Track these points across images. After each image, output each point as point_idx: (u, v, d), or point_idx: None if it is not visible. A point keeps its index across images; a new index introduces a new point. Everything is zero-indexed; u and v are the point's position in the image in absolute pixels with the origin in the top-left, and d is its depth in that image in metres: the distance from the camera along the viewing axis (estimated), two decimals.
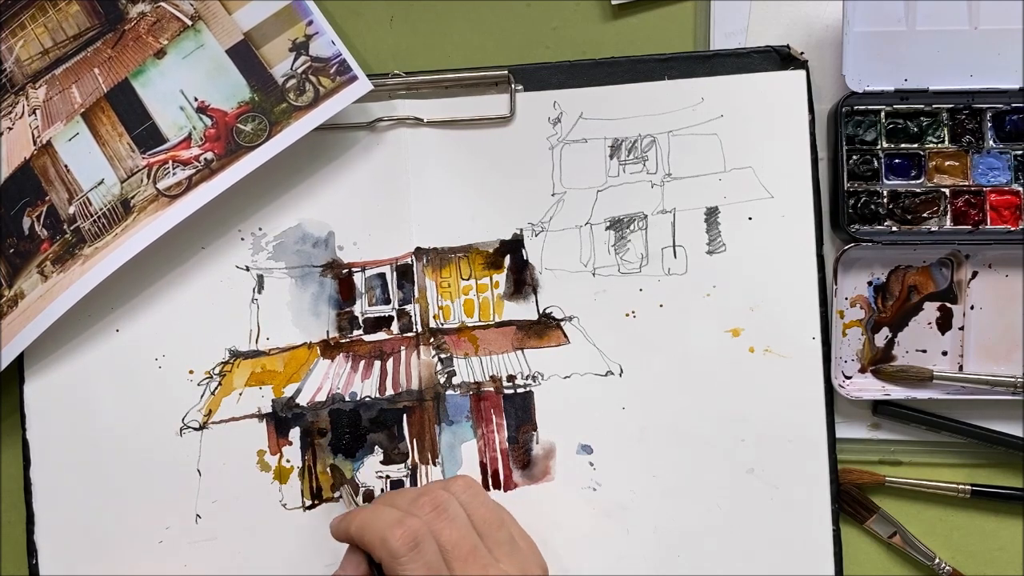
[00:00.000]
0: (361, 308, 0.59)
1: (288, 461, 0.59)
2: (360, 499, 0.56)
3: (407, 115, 0.59)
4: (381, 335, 0.59)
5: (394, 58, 0.62)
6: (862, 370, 0.60)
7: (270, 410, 0.59)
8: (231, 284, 0.59)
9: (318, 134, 0.57)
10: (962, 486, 0.58)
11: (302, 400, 0.59)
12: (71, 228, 0.58)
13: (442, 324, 0.59)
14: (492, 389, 0.59)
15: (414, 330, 0.59)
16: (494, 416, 0.59)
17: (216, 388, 0.59)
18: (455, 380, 0.59)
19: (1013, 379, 0.58)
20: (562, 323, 0.59)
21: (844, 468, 0.59)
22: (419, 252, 0.59)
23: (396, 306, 0.59)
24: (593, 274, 0.59)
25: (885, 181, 0.59)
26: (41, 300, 0.57)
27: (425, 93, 0.59)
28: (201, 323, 0.59)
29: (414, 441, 0.59)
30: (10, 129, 0.59)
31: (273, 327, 0.59)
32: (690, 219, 0.59)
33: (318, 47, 0.57)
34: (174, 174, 0.57)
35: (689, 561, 0.57)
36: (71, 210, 0.58)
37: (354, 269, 0.59)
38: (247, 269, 0.59)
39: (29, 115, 0.59)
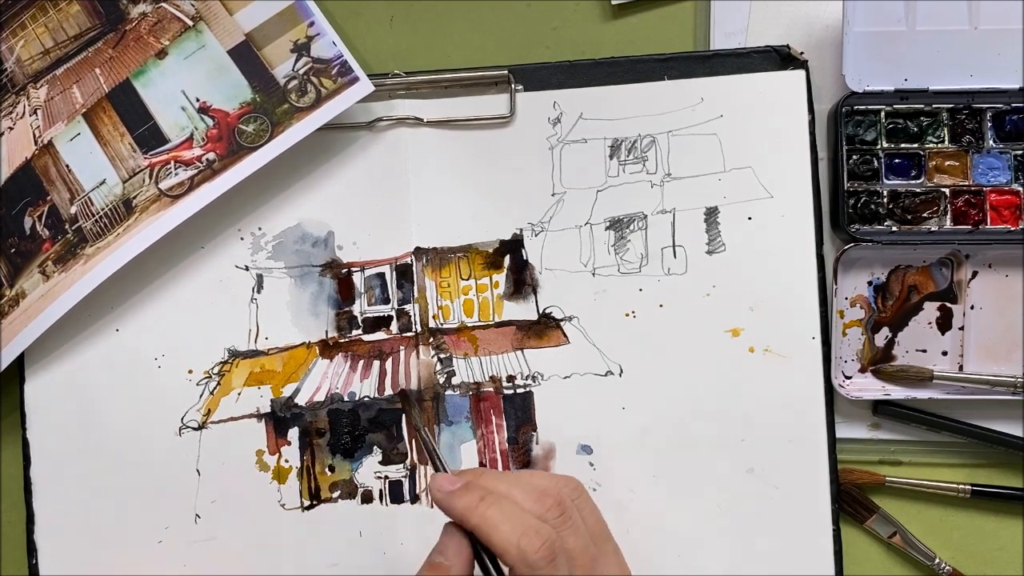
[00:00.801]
0: (360, 308, 0.59)
1: (287, 461, 0.59)
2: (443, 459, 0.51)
3: (407, 115, 0.59)
4: (380, 335, 0.59)
5: (394, 58, 0.62)
6: (862, 370, 0.59)
7: (269, 410, 0.59)
8: (230, 284, 0.59)
9: (318, 134, 0.57)
10: (962, 486, 0.58)
11: (301, 400, 0.59)
12: (73, 228, 0.58)
13: (441, 324, 0.59)
14: (492, 389, 0.59)
15: (413, 330, 0.59)
16: (494, 416, 0.59)
17: (215, 388, 0.59)
18: (454, 380, 0.59)
19: (1013, 379, 0.57)
20: (562, 323, 0.59)
21: (844, 468, 0.59)
22: (419, 252, 0.59)
23: (395, 306, 0.59)
24: (593, 274, 0.59)
25: (885, 181, 0.59)
26: (42, 300, 0.57)
27: (425, 93, 0.60)
28: (200, 323, 0.59)
29: (413, 441, 0.59)
30: (11, 129, 0.59)
31: (272, 327, 0.59)
32: (690, 219, 0.59)
33: (319, 48, 0.57)
34: (176, 174, 0.57)
35: (689, 561, 0.57)
36: (73, 210, 0.58)
37: (353, 269, 0.59)
38: (246, 269, 0.59)
39: (30, 115, 0.59)
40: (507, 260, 0.59)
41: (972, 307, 0.59)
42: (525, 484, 0.48)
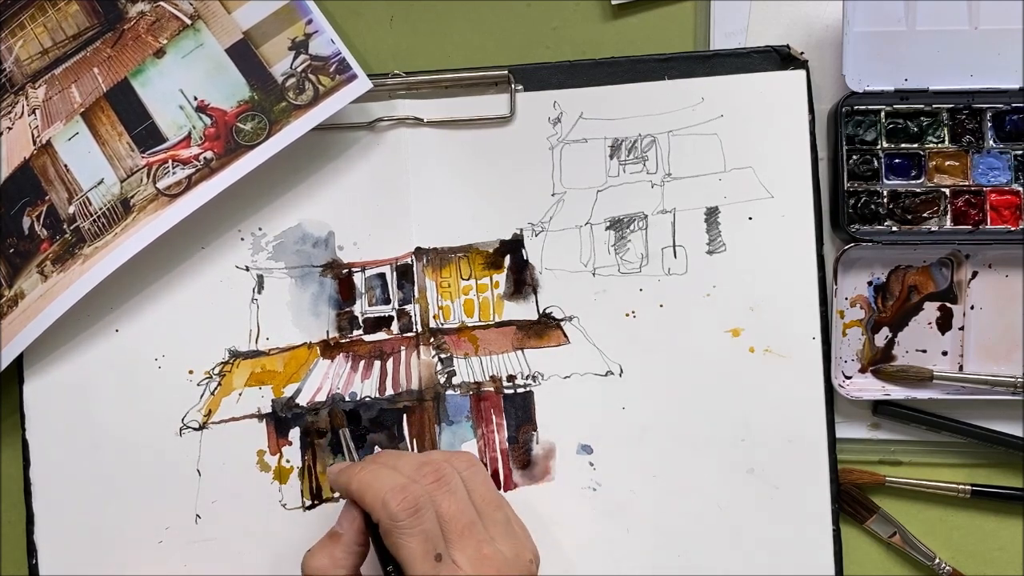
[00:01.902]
0: (361, 308, 0.59)
1: (288, 461, 0.59)
2: (355, 450, 0.56)
3: (407, 115, 0.59)
4: (381, 335, 0.59)
5: (394, 58, 0.62)
6: (862, 370, 0.60)
7: (270, 410, 0.59)
8: (231, 284, 0.59)
9: (318, 134, 0.57)
10: (962, 486, 0.58)
11: (302, 400, 0.59)
12: (71, 228, 0.58)
13: (442, 324, 0.59)
14: (492, 389, 0.59)
15: (414, 330, 0.59)
16: (494, 416, 0.59)
17: (216, 388, 0.59)
18: (455, 380, 0.59)
19: (1013, 379, 0.58)
20: (562, 323, 0.59)
21: (844, 468, 0.59)
22: (419, 252, 0.59)
23: (396, 306, 0.59)
24: (593, 274, 0.59)
25: (885, 181, 0.59)
26: (41, 300, 0.57)
27: (425, 93, 0.59)
28: (201, 323, 0.59)
29: (414, 441, 0.59)
30: (10, 129, 0.59)
31: (273, 327, 0.59)
32: (690, 219, 0.59)
33: (317, 46, 0.57)
34: (174, 173, 0.57)
35: (689, 561, 0.57)
36: (71, 210, 0.58)
37: (354, 269, 0.59)
38: (247, 269, 0.59)
39: (29, 115, 0.59)
40: (507, 260, 0.59)
41: (972, 307, 0.59)
42: (412, 457, 0.52)
